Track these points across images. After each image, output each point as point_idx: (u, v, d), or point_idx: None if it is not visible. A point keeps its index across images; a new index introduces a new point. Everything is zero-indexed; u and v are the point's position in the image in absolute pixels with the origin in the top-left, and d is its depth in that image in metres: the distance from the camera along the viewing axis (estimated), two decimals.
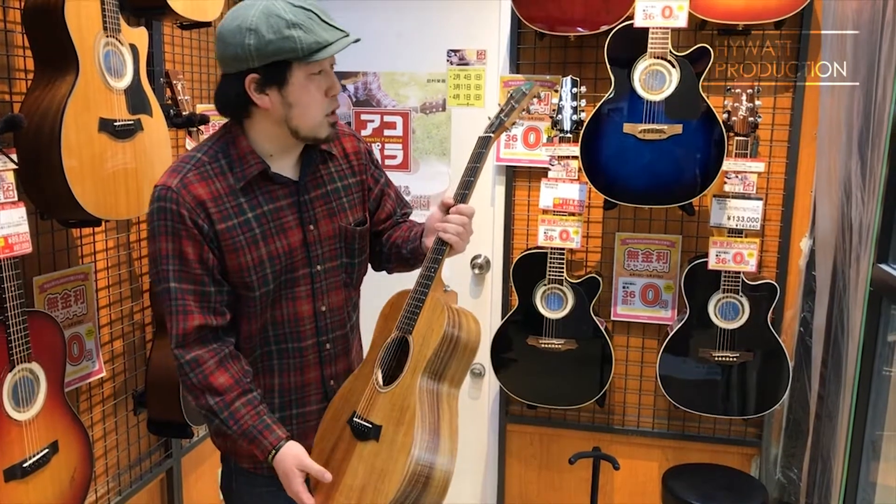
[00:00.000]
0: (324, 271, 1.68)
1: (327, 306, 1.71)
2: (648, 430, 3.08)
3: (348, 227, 1.71)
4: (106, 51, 1.96)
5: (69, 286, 2.21)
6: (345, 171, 1.74)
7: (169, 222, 1.52)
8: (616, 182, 2.61)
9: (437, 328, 1.59)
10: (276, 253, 1.60)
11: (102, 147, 1.93)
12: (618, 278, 3.01)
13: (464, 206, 1.67)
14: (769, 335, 2.70)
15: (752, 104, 2.56)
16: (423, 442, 1.52)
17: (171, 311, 1.55)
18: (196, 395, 1.58)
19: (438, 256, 1.64)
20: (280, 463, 1.58)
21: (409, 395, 1.57)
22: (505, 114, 1.73)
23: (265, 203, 1.60)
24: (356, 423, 1.62)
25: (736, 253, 2.64)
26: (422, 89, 3.17)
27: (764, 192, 2.84)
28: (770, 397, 2.76)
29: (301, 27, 1.46)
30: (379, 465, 1.55)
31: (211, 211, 1.54)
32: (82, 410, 2.34)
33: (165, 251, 1.53)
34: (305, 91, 1.52)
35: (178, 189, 1.52)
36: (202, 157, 1.58)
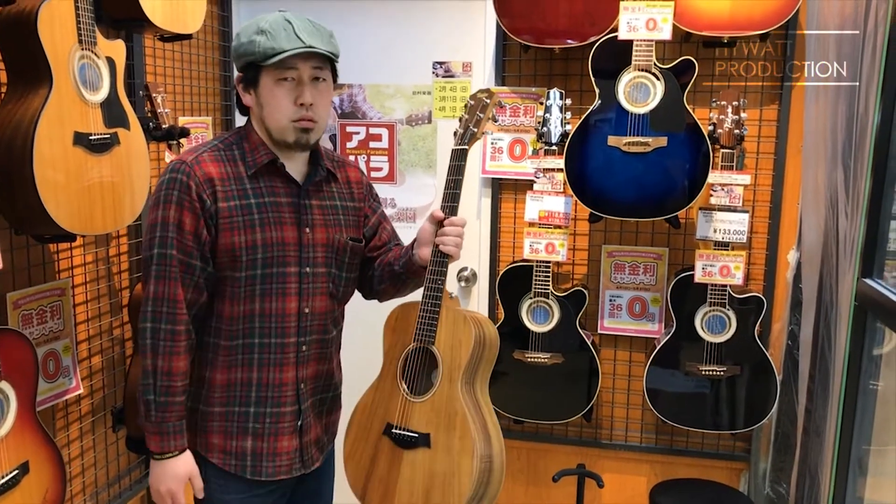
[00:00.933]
0: (312, 274, 1.74)
1: (310, 309, 1.75)
2: (636, 445, 3.05)
3: (342, 239, 1.79)
4: (81, 64, 1.93)
5: (45, 302, 2.17)
6: (345, 195, 1.84)
7: (176, 192, 1.62)
8: (601, 195, 2.59)
9: (467, 340, 1.74)
10: (270, 241, 1.67)
11: (77, 161, 1.90)
12: (604, 291, 2.99)
13: (456, 219, 1.82)
14: (756, 349, 2.68)
15: (737, 116, 2.55)
16: (479, 441, 1.66)
17: (156, 274, 1.62)
18: (153, 360, 1.62)
19: (443, 269, 1.78)
20: (172, 465, 1.64)
21: (454, 402, 1.71)
22: (474, 124, 1.88)
23: (268, 195, 1.69)
24: (399, 434, 1.73)
25: (722, 266, 2.62)
26: (407, 101, 3.15)
27: (750, 205, 2.82)
28: (758, 411, 2.74)
29: (268, 34, 1.59)
30: (440, 468, 1.68)
31: (217, 189, 1.63)
32: (59, 428, 2.31)
33: (168, 218, 1.61)
34: (272, 95, 1.64)
35: (192, 164, 1.64)
36: (218, 144, 1.71)
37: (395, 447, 1.73)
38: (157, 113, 2.34)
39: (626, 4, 2.48)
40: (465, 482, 1.65)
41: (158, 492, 1.68)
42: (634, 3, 2.48)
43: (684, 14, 2.56)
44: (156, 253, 1.63)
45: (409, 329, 1.81)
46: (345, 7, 3.13)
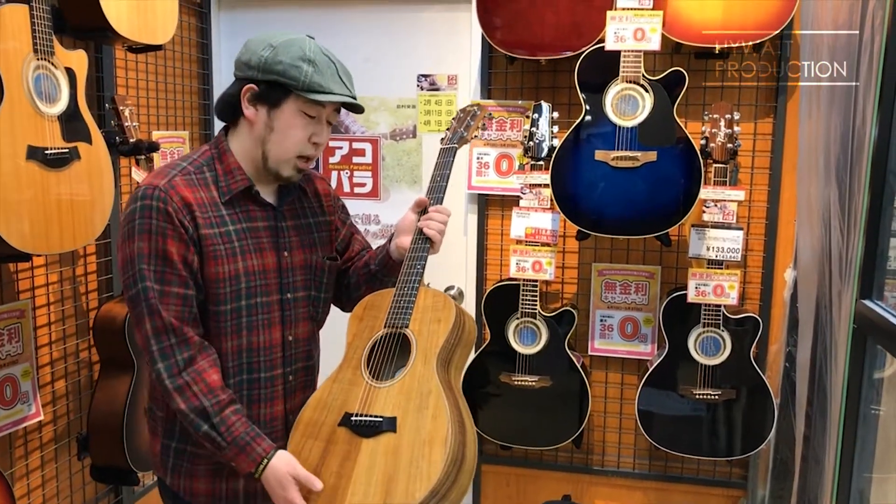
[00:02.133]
0: (293, 300, 1.66)
1: (294, 336, 1.68)
2: (629, 472, 2.93)
3: (319, 260, 1.72)
4: (36, 74, 1.84)
5: (1, 324, 2.07)
6: (315, 210, 1.76)
7: (154, 220, 1.47)
8: (588, 211, 2.49)
9: (447, 318, 1.62)
10: (252, 269, 1.58)
11: (32, 177, 1.81)
12: (595, 311, 2.88)
13: (444, 207, 1.75)
14: (752, 371, 2.57)
15: (730, 130, 2.45)
16: (453, 423, 1.51)
17: (148, 311, 1.47)
18: (186, 397, 1.47)
19: (423, 253, 1.68)
20: (272, 471, 1.50)
21: (429, 381, 1.56)
22: (464, 128, 1.86)
23: (244, 220, 1.59)
24: (358, 422, 1.56)
25: (716, 285, 2.51)
26: (392, 115, 3.06)
27: (745, 222, 2.72)
28: (755, 437, 2.62)
29: (315, 66, 1.50)
30: (405, 453, 1.51)
31: (196, 215, 1.51)
32: (18, 457, 2.20)
33: (148, 250, 1.47)
34: (291, 123, 1.54)
35: (166, 189, 1.49)
36: (187, 167, 1.56)
37: (352, 437, 1.54)
38: (125, 127, 2.25)
39: (614, 14, 2.39)
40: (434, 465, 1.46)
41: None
42: (622, 12, 2.38)
43: (674, 24, 2.47)
44: (140, 288, 1.47)
45: (380, 316, 1.67)
46: (328, 18, 3.04)
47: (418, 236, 1.70)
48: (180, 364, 1.47)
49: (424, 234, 1.70)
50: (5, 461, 2.15)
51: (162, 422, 1.61)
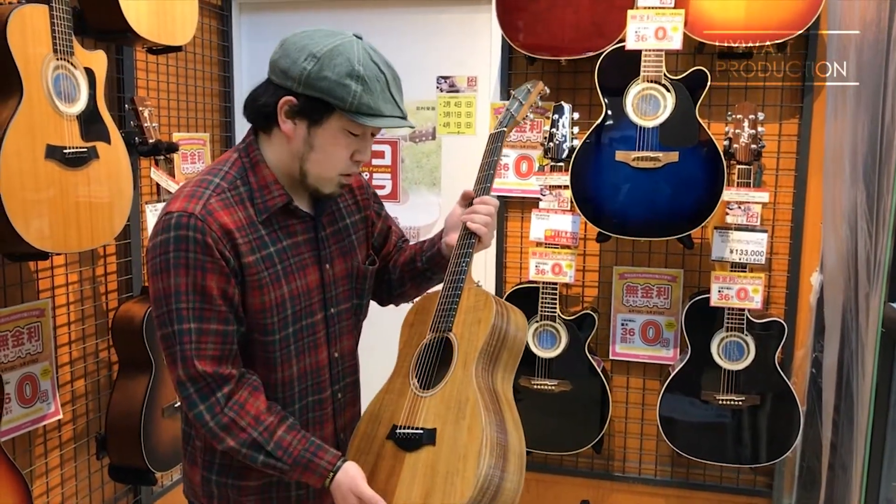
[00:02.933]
0: (337, 314, 1.54)
1: (339, 352, 1.57)
2: (651, 478, 2.89)
3: (360, 266, 1.59)
4: (56, 74, 1.85)
5: (22, 323, 2.09)
6: (351, 207, 1.62)
7: (192, 254, 1.33)
8: (608, 213, 2.45)
9: (486, 318, 1.50)
10: (297, 292, 1.45)
11: (50, 176, 1.82)
12: (616, 315, 2.84)
13: (488, 198, 1.60)
14: (777, 377, 2.51)
15: (754, 130, 2.41)
16: (492, 431, 1.40)
17: (182, 356, 1.35)
18: (234, 434, 1.38)
19: (469, 250, 1.56)
20: (337, 486, 1.42)
21: (467, 387, 1.45)
22: (515, 109, 1.72)
23: (284, 238, 1.45)
24: (401, 434, 1.47)
25: (740, 289, 2.47)
26: (411, 117, 3.04)
27: (770, 224, 2.67)
28: (780, 444, 2.56)
29: (364, 83, 1.33)
30: (442, 467, 1.41)
31: (238, 242, 1.37)
32: (37, 455, 2.21)
33: (185, 286, 1.34)
34: (333, 143, 1.38)
35: (203, 216, 1.34)
36: (221, 183, 1.41)
37: (397, 451, 1.47)
38: (144, 127, 2.26)
39: (634, 13, 2.36)
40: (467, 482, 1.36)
41: None
42: (643, 11, 2.35)
43: (696, 23, 2.43)
44: (176, 331, 1.35)
45: (428, 320, 1.57)
46: (348, 20, 3.04)
47: (464, 232, 1.58)
48: (221, 401, 1.37)
49: (469, 229, 1.57)
50: (25, 459, 2.16)
51: (201, 452, 1.51)
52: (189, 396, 1.37)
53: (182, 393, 1.37)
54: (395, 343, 1.63)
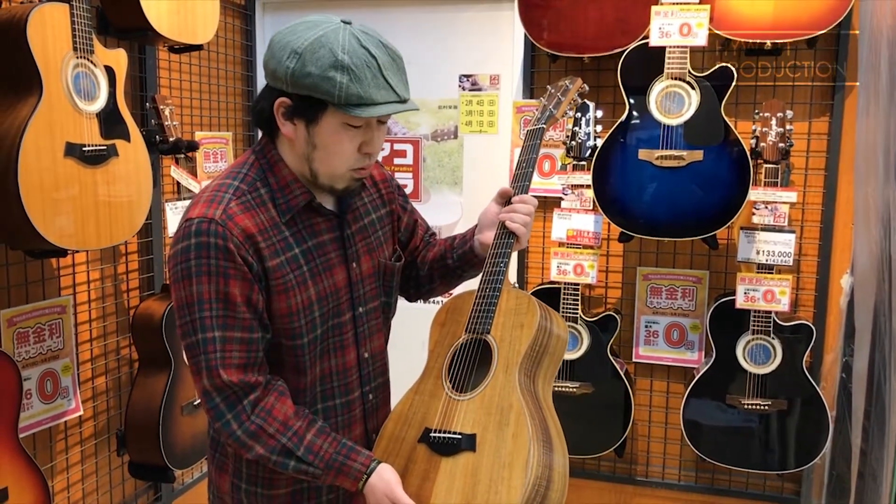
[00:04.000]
0: (365, 313, 1.49)
1: (369, 352, 1.52)
2: (674, 483, 2.83)
3: (387, 262, 1.54)
4: (76, 72, 1.86)
5: (43, 320, 2.10)
6: (376, 202, 1.56)
7: (213, 260, 1.29)
8: (631, 213, 2.41)
9: (530, 323, 1.45)
10: (325, 293, 1.41)
11: (69, 173, 1.83)
12: (640, 317, 2.79)
13: (528, 197, 1.55)
14: (805, 382, 2.45)
15: (782, 129, 2.35)
16: (537, 442, 1.34)
17: (206, 365, 1.31)
18: (262, 441, 1.34)
19: (507, 250, 1.49)
20: (371, 490, 1.38)
21: (510, 393, 1.39)
22: (554, 105, 1.65)
23: (309, 238, 1.40)
24: (436, 438, 1.42)
25: (766, 291, 2.41)
26: (433, 116, 3.03)
27: (798, 225, 2.60)
28: (809, 450, 2.50)
29: (350, 72, 1.25)
30: (484, 475, 1.36)
31: (261, 246, 1.33)
32: (58, 451, 2.23)
33: (207, 295, 1.30)
34: (335, 139, 1.32)
35: (224, 221, 1.30)
36: (241, 186, 1.36)
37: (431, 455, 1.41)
38: (165, 126, 2.27)
39: (659, 9, 2.32)
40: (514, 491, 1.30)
41: None
42: (667, 7, 2.31)
43: (723, 19, 2.38)
44: (200, 340, 1.31)
45: (462, 321, 1.52)
46: (369, 19, 3.02)
47: (501, 230, 1.52)
48: (248, 409, 1.33)
49: (508, 229, 1.51)
50: (46, 455, 2.18)
51: (232, 459, 1.47)
52: (216, 407, 1.33)
53: (208, 404, 1.34)
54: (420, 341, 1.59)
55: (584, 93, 1.71)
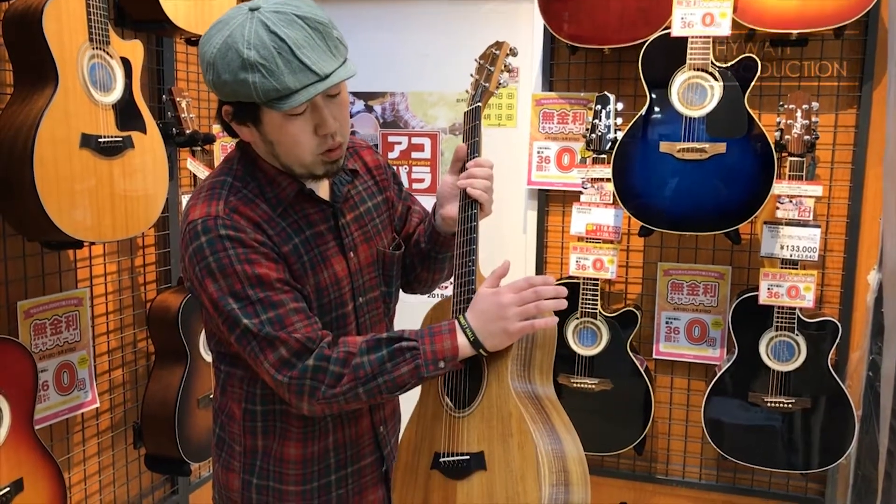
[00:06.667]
0: (365, 304, 1.46)
1: None
2: (694, 482, 2.79)
3: (386, 251, 1.50)
4: (92, 63, 1.86)
5: (60, 311, 2.10)
6: (371, 189, 1.53)
7: (231, 251, 1.26)
8: (651, 206, 2.37)
9: None
10: (325, 284, 1.38)
11: (84, 164, 1.83)
12: (660, 313, 2.75)
13: (483, 159, 1.46)
14: (830, 379, 2.39)
15: (808, 121, 2.30)
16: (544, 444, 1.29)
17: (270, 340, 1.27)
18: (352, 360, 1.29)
19: (473, 223, 1.41)
20: (476, 309, 1.32)
21: (506, 401, 1.34)
22: (485, 79, 1.54)
23: (306, 227, 1.37)
24: (447, 463, 1.38)
25: (791, 286, 2.36)
26: (451, 109, 3.00)
27: (824, 220, 2.55)
28: (834, 450, 2.44)
29: (261, 69, 1.18)
30: (501, 493, 1.32)
31: (270, 233, 1.31)
32: (75, 443, 2.23)
33: (239, 285, 1.26)
34: (284, 132, 1.27)
35: (228, 215, 1.28)
36: (235, 183, 1.33)
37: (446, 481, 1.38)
38: (181, 118, 2.27)
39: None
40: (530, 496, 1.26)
41: (509, 320, 1.30)
42: None
43: (747, 9, 2.33)
44: (244, 328, 1.27)
45: None
46: (385, 12, 3.01)
47: (464, 202, 1.44)
48: (326, 348, 1.30)
49: (469, 198, 1.43)
50: (62, 447, 2.18)
51: (240, 457, 1.44)
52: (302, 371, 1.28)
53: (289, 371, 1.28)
54: None
55: (515, 53, 1.61)
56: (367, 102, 3.06)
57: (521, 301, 1.30)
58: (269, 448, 1.43)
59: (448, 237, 1.51)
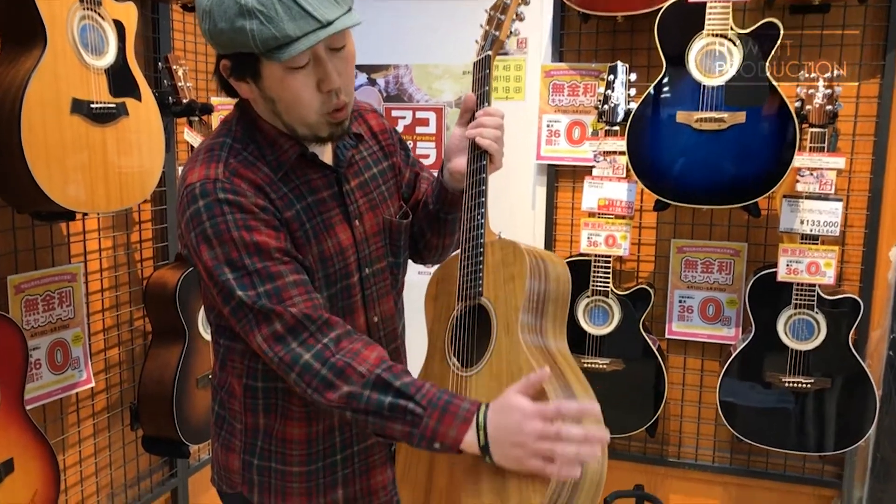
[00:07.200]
0: (372, 275, 1.39)
1: (379, 316, 1.41)
2: (708, 465, 2.71)
3: (393, 220, 1.43)
4: (82, 25, 1.77)
5: (52, 287, 2.02)
6: (377, 155, 1.45)
7: (229, 216, 1.19)
8: (667, 179, 2.28)
9: (520, 272, 1.28)
10: (329, 254, 1.31)
11: (76, 130, 1.74)
12: (673, 291, 2.67)
13: (493, 108, 1.37)
14: (850, 358, 2.32)
15: (830, 90, 2.21)
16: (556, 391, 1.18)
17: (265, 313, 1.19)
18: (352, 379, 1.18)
19: (483, 175, 1.31)
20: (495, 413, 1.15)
21: (517, 355, 1.25)
22: (495, 28, 1.45)
23: (308, 194, 1.30)
24: None
25: (810, 262, 2.27)
26: (457, 82, 2.91)
27: (844, 194, 2.46)
28: (853, 431, 2.37)
29: (259, 16, 1.12)
30: None
31: (272, 197, 1.24)
32: (70, 424, 2.15)
33: (236, 253, 1.19)
34: (284, 87, 1.19)
35: (228, 178, 1.20)
36: (234, 144, 1.26)
37: None
38: (178, 87, 2.18)
39: None
40: None
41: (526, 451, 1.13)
42: None
43: None
44: (239, 300, 1.19)
45: (453, 290, 1.37)
46: None
47: (473, 154, 1.35)
48: (330, 346, 1.19)
49: (479, 149, 1.34)
50: (56, 428, 2.11)
51: (241, 435, 1.37)
52: (291, 351, 1.18)
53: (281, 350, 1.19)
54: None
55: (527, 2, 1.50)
56: (369, 75, 2.97)
57: (544, 436, 1.12)
58: (270, 427, 1.36)
59: (457, 195, 1.42)
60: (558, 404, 1.13)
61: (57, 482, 1.78)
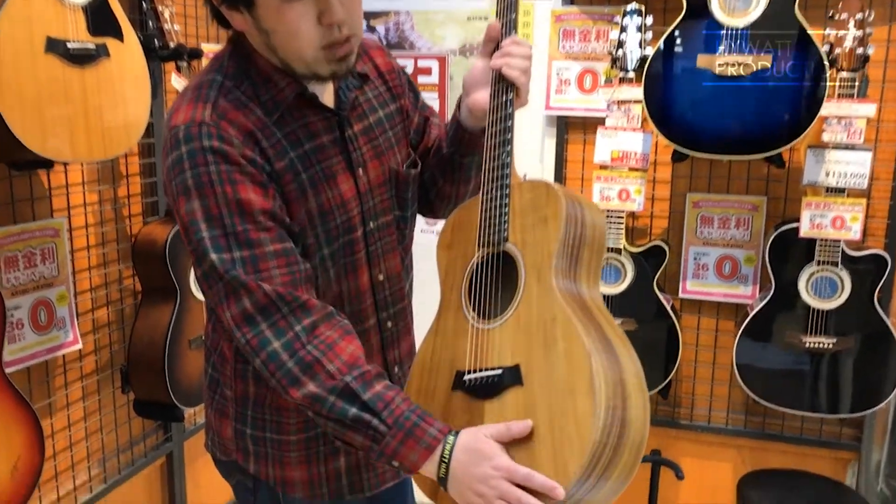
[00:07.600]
0: (376, 229, 1.28)
1: (385, 274, 1.31)
2: (721, 427, 2.63)
3: (400, 169, 1.31)
4: None
5: (34, 243, 1.90)
6: (383, 97, 1.33)
7: (213, 167, 1.08)
8: (687, 127, 2.15)
9: (555, 214, 1.15)
10: (329, 207, 1.20)
11: (51, 72, 1.61)
12: (688, 248, 2.55)
13: (521, 39, 1.24)
14: (876, 317, 2.21)
15: (861, 32, 2.06)
16: (597, 351, 1.06)
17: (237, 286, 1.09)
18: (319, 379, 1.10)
19: (509, 110, 1.18)
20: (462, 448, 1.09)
21: (550, 303, 1.12)
22: None
23: (305, 140, 1.18)
24: (473, 381, 1.16)
25: (836, 217, 2.16)
26: (461, 28, 2.76)
27: (871, 144, 2.33)
28: (873, 393, 2.27)
29: None
30: (544, 409, 1.09)
31: (263, 145, 1.13)
32: (57, 387, 2.05)
33: (216, 209, 1.08)
34: (281, 18, 1.09)
35: (215, 121, 1.10)
36: (226, 82, 1.15)
37: (470, 402, 1.16)
38: (164, 30, 2.03)
39: None
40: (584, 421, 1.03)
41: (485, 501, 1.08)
42: None
43: None
44: (211, 263, 1.09)
45: (472, 236, 1.24)
46: None
47: (497, 86, 1.21)
48: (301, 336, 1.10)
49: (505, 80, 1.20)
50: (42, 391, 2.00)
51: (232, 403, 1.29)
52: (259, 334, 1.09)
53: (249, 331, 1.10)
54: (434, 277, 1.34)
55: None
56: (368, 22, 2.82)
57: (505, 497, 1.06)
58: (261, 396, 1.26)
59: (475, 134, 1.29)
60: (528, 473, 1.06)
61: (41, 448, 1.69)
